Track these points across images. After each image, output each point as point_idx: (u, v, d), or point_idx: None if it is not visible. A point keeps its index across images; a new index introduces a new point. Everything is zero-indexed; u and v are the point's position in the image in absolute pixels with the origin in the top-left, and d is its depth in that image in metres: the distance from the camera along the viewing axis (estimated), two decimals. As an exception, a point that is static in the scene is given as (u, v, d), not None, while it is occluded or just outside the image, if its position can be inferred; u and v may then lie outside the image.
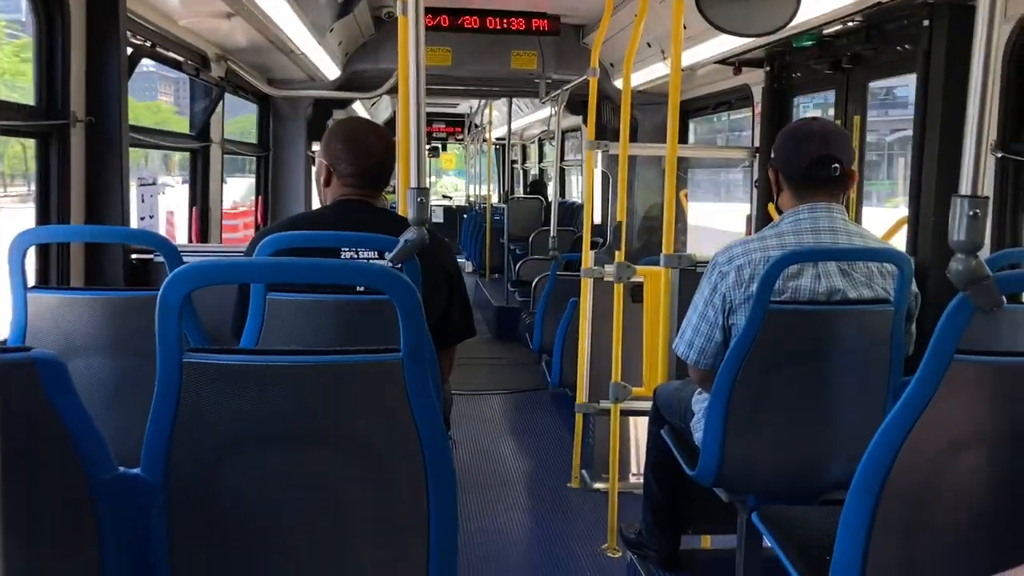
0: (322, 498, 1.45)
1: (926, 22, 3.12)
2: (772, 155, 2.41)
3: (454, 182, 23.26)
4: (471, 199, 14.97)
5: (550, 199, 11.67)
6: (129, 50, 3.06)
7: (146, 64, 3.55)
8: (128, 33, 3.00)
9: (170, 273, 2.15)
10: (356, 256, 2.22)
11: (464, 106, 12.71)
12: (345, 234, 2.18)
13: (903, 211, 3.31)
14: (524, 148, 15.82)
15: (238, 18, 3.65)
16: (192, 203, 4.48)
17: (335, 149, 2.34)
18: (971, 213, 1.33)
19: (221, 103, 4.57)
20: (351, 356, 1.42)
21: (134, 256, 2.98)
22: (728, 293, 2.29)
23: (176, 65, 3.90)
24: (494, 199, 12.07)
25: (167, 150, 4.46)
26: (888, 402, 2.30)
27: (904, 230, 3.26)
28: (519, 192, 14.65)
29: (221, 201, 4.73)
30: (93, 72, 2.79)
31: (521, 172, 15.79)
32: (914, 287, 2.35)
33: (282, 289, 2.06)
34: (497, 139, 13.04)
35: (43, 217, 2.69)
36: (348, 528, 1.47)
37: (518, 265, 8.22)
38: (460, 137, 15.45)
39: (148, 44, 3.43)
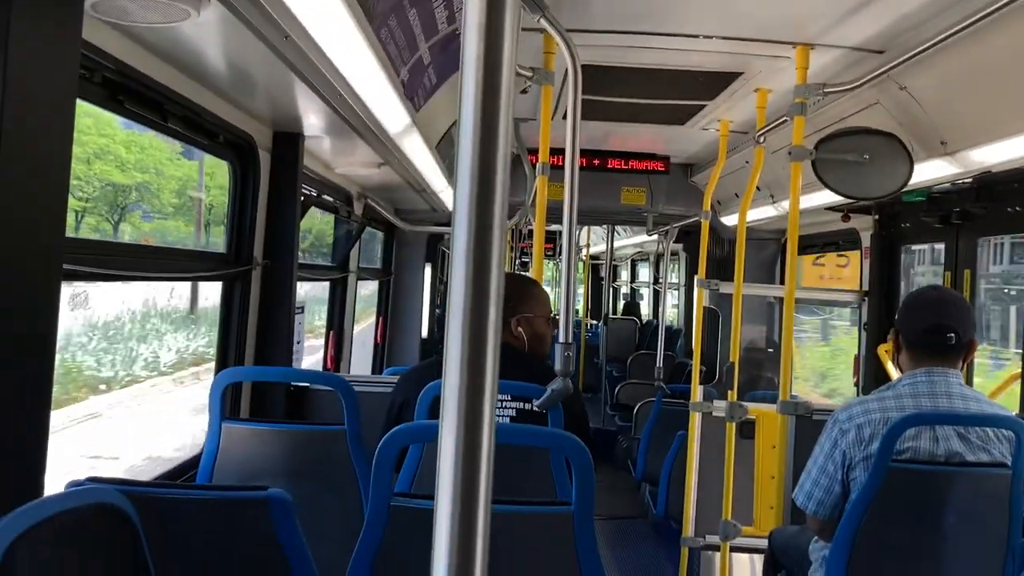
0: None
1: (1037, 187, 3.28)
2: (897, 316, 2.60)
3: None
4: None
5: (643, 320, 11.86)
6: (301, 198, 3.46)
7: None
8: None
9: (343, 403, 2.44)
10: None
11: (557, 224, 13.10)
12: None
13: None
14: (615, 267, 16.11)
15: (386, 166, 4.06)
16: (329, 328, 4.86)
17: None
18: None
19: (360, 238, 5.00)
20: (526, 507, 1.64)
21: (293, 385, 3.30)
22: (848, 450, 2.44)
23: (333, 208, 4.33)
24: (582, 314, 12.30)
25: (318, 281, 4.86)
26: (1007, 563, 2.38)
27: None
28: (609, 310, 14.86)
29: (353, 327, 5.08)
30: (272, 220, 3.19)
31: (611, 290, 16.07)
32: None
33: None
34: (591, 256, 13.37)
35: (223, 353, 3.04)
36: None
37: (617, 388, 8.33)
38: (551, 253, 15.89)
39: (314, 193, 3.85)
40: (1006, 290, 5.52)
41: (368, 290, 6.78)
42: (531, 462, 2.25)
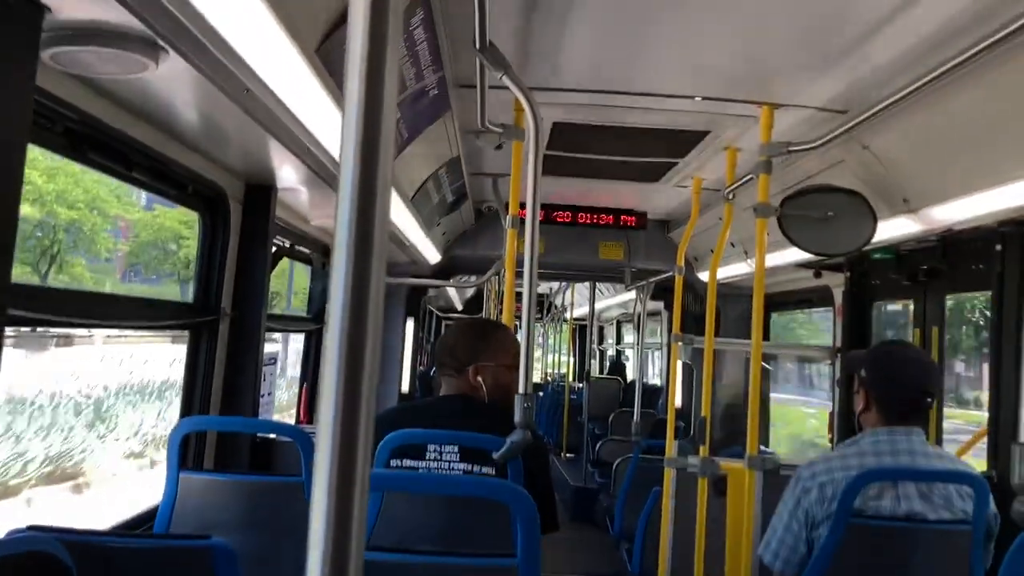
0: None
1: (998, 246, 3.33)
2: (864, 372, 2.54)
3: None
4: (548, 376, 15.21)
5: (628, 380, 11.83)
6: (272, 249, 3.49)
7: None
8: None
9: (301, 454, 2.42)
10: (440, 450, 2.41)
11: (544, 286, 13.15)
12: (449, 433, 2.38)
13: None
14: (601, 329, 16.14)
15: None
16: (303, 381, 4.84)
17: None
18: (1030, 461, 1.50)
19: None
20: (471, 559, 1.62)
21: (259, 435, 3.28)
22: (811, 508, 2.43)
23: (307, 260, 4.35)
24: (570, 377, 12.29)
25: (293, 333, 4.85)
26: (973, 622, 2.36)
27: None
28: (595, 370, 14.81)
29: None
30: (242, 271, 3.20)
31: (598, 352, 16.05)
32: (993, 508, 2.44)
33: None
34: (576, 319, 13.41)
35: (187, 402, 3.03)
36: None
37: (598, 445, 8.28)
38: (539, 316, 15.93)
39: (287, 244, 3.88)
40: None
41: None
42: (496, 516, 2.23)
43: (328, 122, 2.47)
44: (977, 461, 3.53)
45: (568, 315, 12.28)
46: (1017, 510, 1.50)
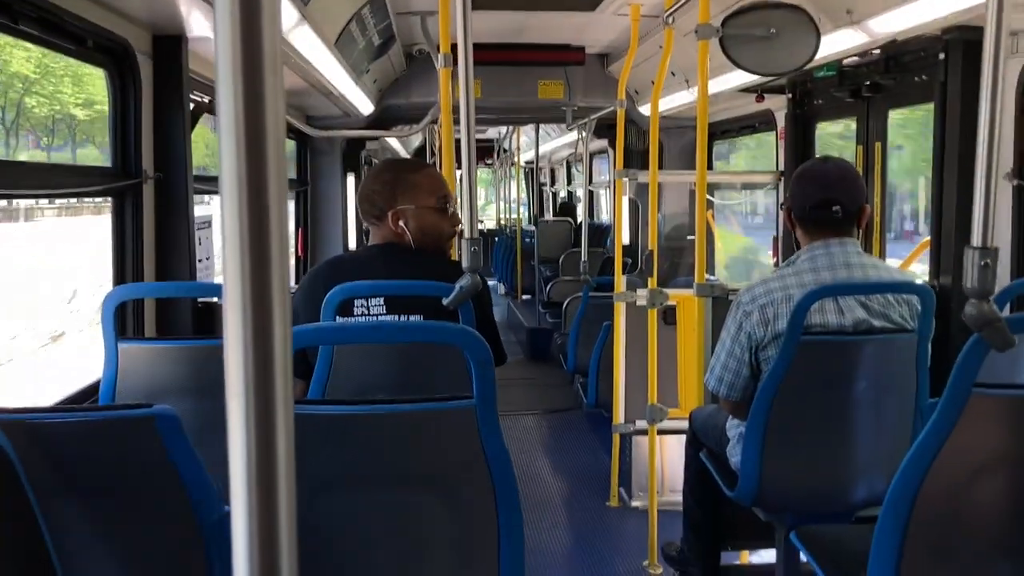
0: (404, 533, 1.62)
1: (941, 55, 3.27)
2: (789, 189, 2.57)
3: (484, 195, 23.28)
4: (502, 222, 15.17)
5: (579, 221, 11.85)
6: (191, 106, 3.28)
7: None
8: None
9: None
10: (366, 304, 2.30)
11: (493, 131, 12.91)
12: (399, 283, 2.30)
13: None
14: (553, 171, 15.99)
15: (284, 67, 3.85)
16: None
17: None
18: (982, 263, 1.48)
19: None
20: (429, 404, 1.59)
21: (200, 301, 3.18)
22: (753, 331, 2.45)
23: (229, 116, 4.11)
24: (524, 222, 12.25)
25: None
26: (917, 423, 2.45)
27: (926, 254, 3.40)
28: (549, 214, 14.77)
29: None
30: (160, 130, 3.01)
31: (550, 194, 15.98)
32: None
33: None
34: (526, 162, 13.23)
35: (119, 271, 2.90)
36: (427, 559, 1.64)
37: (548, 287, 8.36)
38: (489, 161, 15.68)
39: (206, 100, 3.65)
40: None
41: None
42: (450, 362, 2.18)
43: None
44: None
45: (516, 158, 12.11)
46: (968, 313, 1.50)
